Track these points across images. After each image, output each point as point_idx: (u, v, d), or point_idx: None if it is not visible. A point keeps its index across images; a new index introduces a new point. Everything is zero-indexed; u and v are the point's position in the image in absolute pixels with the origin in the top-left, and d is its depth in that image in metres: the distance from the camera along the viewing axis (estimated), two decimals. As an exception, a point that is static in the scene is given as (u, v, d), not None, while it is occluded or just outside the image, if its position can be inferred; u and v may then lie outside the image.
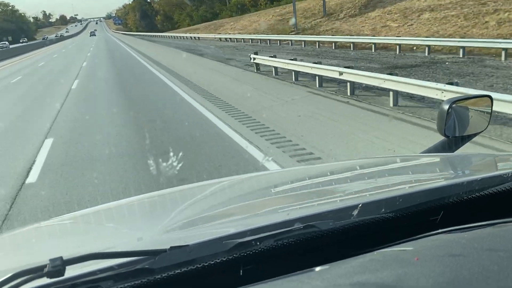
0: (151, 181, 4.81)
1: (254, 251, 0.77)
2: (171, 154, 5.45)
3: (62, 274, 0.68)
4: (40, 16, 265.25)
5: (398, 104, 7.80)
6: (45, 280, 0.69)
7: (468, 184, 0.95)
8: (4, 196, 4.80)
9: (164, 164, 5.14)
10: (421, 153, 1.62)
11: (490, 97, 1.56)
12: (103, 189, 4.77)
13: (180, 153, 5.42)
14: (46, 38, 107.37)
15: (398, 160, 1.79)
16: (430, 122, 6.24)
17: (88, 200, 4.45)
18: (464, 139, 1.52)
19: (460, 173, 1.29)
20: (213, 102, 9.58)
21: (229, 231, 0.85)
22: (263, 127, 6.99)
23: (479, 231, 0.77)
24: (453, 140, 1.51)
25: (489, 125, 1.57)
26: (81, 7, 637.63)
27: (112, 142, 6.78)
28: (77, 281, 0.70)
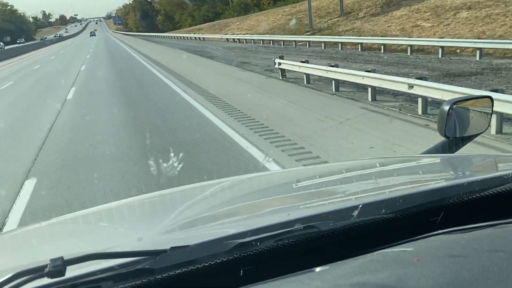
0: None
1: (255, 252, 0.77)
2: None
3: (63, 274, 0.68)
4: (40, 16, 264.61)
5: (503, 132, 5.65)
6: (46, 280, 0.69)
7: (469, 185, 0.95)
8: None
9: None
10: (422, 154, 1.62)
11: (491, 98, 1.56)
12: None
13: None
14: (45, 39, 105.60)
15: (399, 161, 1.79)
16: None
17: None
18: (465, 140, 1.52)
19: (461, 174, 1.29)
20: (244, 123, 7.30)
21: (230, 232, 0.85)
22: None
23: (479, 232, 0.77)
24: (454, 141, 1.51)
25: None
26: (81, 7, 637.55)
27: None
28: (78, 281, 0.70)
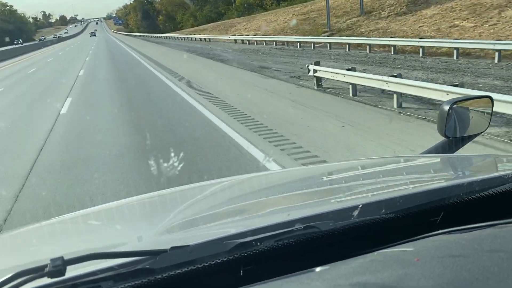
0: None
1: (255, 252, 0.77)
2: None
3: (63, 274, 0.68)
4: (40, 17, 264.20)
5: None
6: (46, 280, 0.69)
7: (469, 185, 0.95)
8: None
9: None
10: (422, 154, 1.62)
11: (491, 98, 1.56)
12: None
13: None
14: (43, 39, 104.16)
15: (399, 161, 1.79)
16: None
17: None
18: (465, 140, 1.52)
19: (461, 174, 1.29)
20: (299, 158, 5.16)
21: (230, 232, 0.85)
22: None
23: (480, 232, 0.78)
24: (454, 141, 1.51)
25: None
26: (81, 8, 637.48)
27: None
28: (78, 281, 0.70)
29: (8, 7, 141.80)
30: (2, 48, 64.38)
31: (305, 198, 1.26)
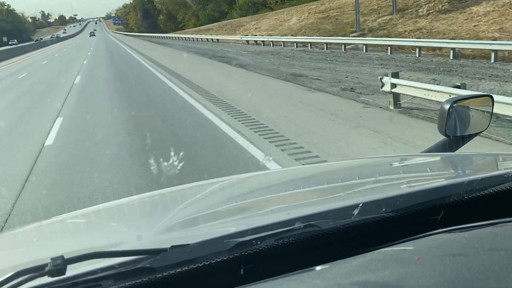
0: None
1: (255, 250, 0.77)
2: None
3: (63, 273, 0.68)
4: (39, 16, 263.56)
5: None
6: (46, 279, 0.69)
7: (469, 184, 0.95)
8: None
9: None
10: (422, 153, 1.62)
11: (491, 97, 1.56)
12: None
13: None
14: (40, 40, 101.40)
15: (399, 160, 1.79)
16: None
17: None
18: (465, 139, 1.53)
19: (461, 173, 1.29)
20: None
21: (230, 230, 0.85)
22: None
23: (480, 231, 0.78)
24: (454, 140, 1.51)
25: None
26: (81, 7, 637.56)
27: None
28: (78, 280, 0.71)
29: (6, 7, 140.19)
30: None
31: (305, 197, 1.26)
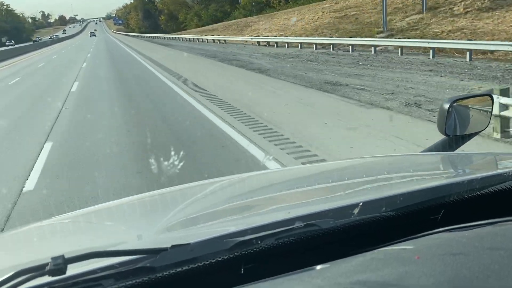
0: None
1: (255, 250, 0.77)
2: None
3: (64, 273, 0.68)
4: (39, 17, 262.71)
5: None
6: (47, 279, 0.69)
7: (469, 183, 0.95)
8: None
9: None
10: (422, 152, 1.62)
11: (491, 96, 1.56)
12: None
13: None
14: (39, 40, 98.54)
15: (399, 159, 1.79)
16: None
17: None
18: (465, 138, 1.53)
19: (461, 172, 1.29)
20: None
21: (230, 230, 0.85)
22: None
23: (480, 230, 0.78)
24: (454, 139, 1.51)
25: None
26: (81, 7, 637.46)
27: None
28: (79, 279, 0.71)
29: (5, 6, 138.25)
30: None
31: (306, 196, 1.26)
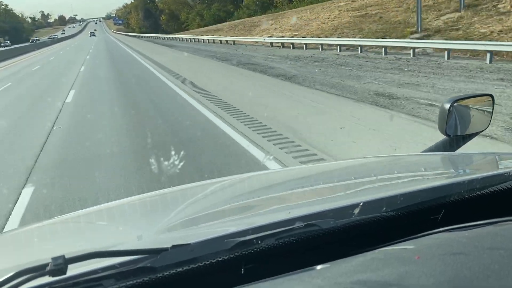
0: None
1: (256, 250, 0.77)
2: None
3: (64, 273, 0.68)
4: (38, 17, 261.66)
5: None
6: (47, 279, 0.69)
7: (469, 183, 0.95)
8: None
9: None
10: (422, 152, 1.62)
11: (492, 96, 1.56)
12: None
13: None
14: (36, 41, 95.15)
15: (399, 159, 1.79)
16: None
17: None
18: (465, 138, 1.53)
19: (461, 172, 1.29)
20: None
21: (231, 230, 0.85)
22: None
23: (480, 230, 0.78)
24: (455, 139, 1.51)
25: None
26: (81, 7, 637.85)
27: None
28: (79, 280, 0.71)
29: (4, 6, 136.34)
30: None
31: (306, 196, 1.26)
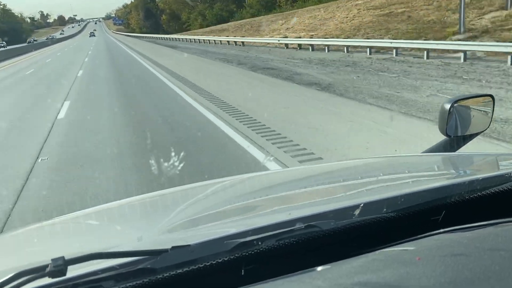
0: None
1: (256, 251, 0.77)
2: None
3: (64, 274, 0.68)
4: (38, 17, 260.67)
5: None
6: (47, 280, 0.69)
7: (470, 184, 0.95)
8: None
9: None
10: (423, 153, 1.62)
11: (492, 97, 1.56)
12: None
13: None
14: (33, 41, 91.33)
15: (400, 160, 1.79)
16: None
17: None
18: (466, 139, 1.52)
19: (462, 173, 1.28)
20: None
21: (231, 231, 0.84)
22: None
23: (481, 231, 0.77)
24: (455, 140, 1.51)
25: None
26: (80, 8, 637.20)
27: None
28: (79, 281, 0.70)
29: (1, 6, 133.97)
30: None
31: (306, 197, 1.26)
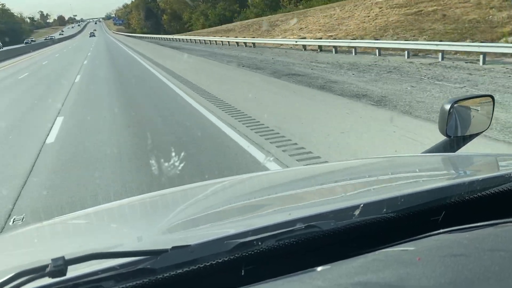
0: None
1: (256, 251, 0.77)
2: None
3: (64, 274, 0.68)
4: (37, 17, 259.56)
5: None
6: (47, 280, 0.69)
7: (470, 184, 0.95)
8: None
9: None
10: (423, 153, 1.62)
11: (492, 97, 1.56)
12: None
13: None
14: (31, 42, 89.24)
15: (400, 160, 1.79)
16: None
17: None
18: (466, 139, 1.52)
19: (462, 173, 1.28)
20: None
21: (231, 231, 0.84)
22: None
23: (481, 231, 0.78)
24: (455, 140, 1.51)
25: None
26: (80, 8, 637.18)
27: None
28: (79, 281, 0.70)
29: (0, 6, 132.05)
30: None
31: (306, 198, 1.26)
